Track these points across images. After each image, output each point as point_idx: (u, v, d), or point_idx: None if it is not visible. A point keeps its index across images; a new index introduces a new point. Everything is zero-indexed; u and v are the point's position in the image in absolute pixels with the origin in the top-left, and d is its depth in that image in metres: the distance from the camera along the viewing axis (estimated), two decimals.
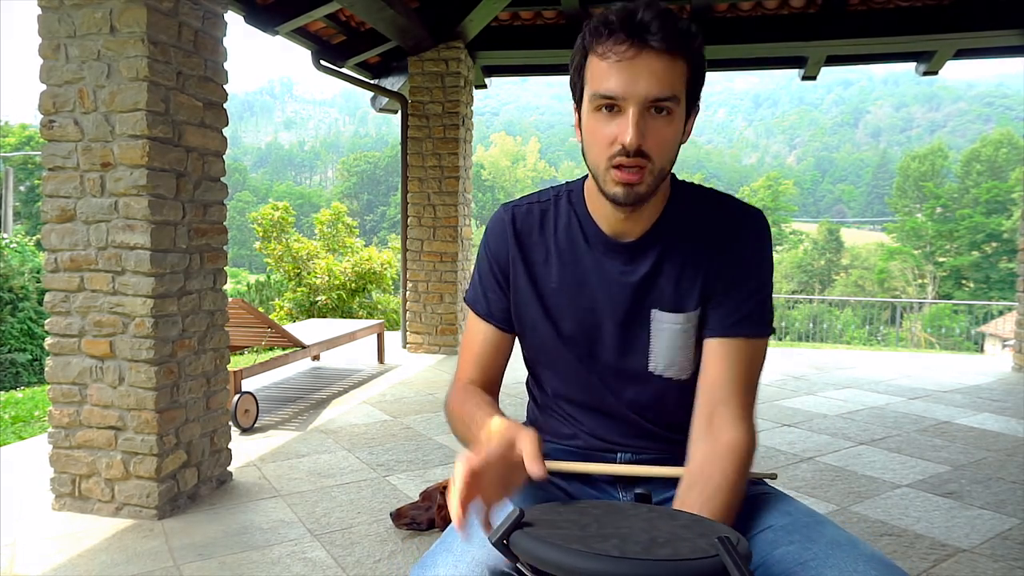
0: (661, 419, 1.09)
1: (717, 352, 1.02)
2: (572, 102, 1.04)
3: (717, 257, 1.03)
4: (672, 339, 1.05)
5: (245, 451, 3.18)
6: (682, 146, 1.01)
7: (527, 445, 0.84)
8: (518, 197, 1.17)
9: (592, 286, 1.07)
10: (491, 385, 1.14)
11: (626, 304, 1.05)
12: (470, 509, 0.76)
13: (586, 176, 1.08)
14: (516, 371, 1.23)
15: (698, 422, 1.01)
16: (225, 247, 2.73)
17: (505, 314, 1.13)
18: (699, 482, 0.94)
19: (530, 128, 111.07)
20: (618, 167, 0.94)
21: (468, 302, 1.17)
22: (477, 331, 1.15)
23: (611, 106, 0.93)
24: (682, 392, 1.07)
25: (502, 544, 0.73)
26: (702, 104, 1.03)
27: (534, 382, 1.18)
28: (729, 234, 1.04)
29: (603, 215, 1.05)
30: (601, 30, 0.93)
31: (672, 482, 1.06)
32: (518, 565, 0.75)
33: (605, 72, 0.93)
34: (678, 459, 1.04)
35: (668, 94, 0.91)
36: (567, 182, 1.15)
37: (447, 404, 1.12)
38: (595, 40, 0.94)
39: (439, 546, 0.92)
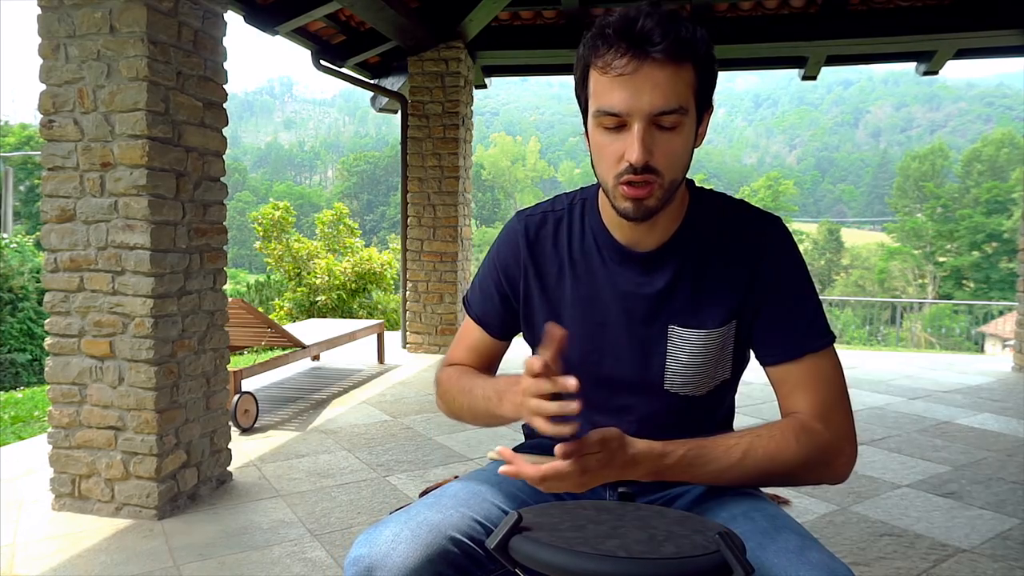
0: (669, 433, 1.04)
1: (790, 380, 0.97)
2: (577, 105, 1.00)
3: (749, 273, 0.99)
4: (691, 356, 1.00)
5: (245, 451, 3.17)
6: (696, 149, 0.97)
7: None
8: (533, 204, 1.14)
9: (606, 299, 1.03)
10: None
11: (641, 318, 1.01)
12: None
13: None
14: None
15: None
16: (225, 247, 2.73)
17: (497, 321, 1.12)
18: (764, 430, 0.92)
19: (530, 128, 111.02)
20: (627, 183, 0.90)
21: (465, 302, 1.17)
22: (471, 329, 1.16)
23: (616, 123, 0.89)
24: (697, 409, 1.04)
25: (502, 549, 0.73)
26: None
27: None
28: (756, 248, 0.99)
29: (617, 224, 1.02)
30: (599, 43, 0.88)
31: (653, 484, 1.05)
32: (517, 570, 0.74)
33: (607, 87, 0.88)
34: None
35: (674, 106, 0.87)
36: (582, 188, 1.11)
37: (439, 376, 1.15)
38: (594, 53, 0.89)
39: (401, 509, 0.93)
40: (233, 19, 4.13)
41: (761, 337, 1.00)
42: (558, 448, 0.80)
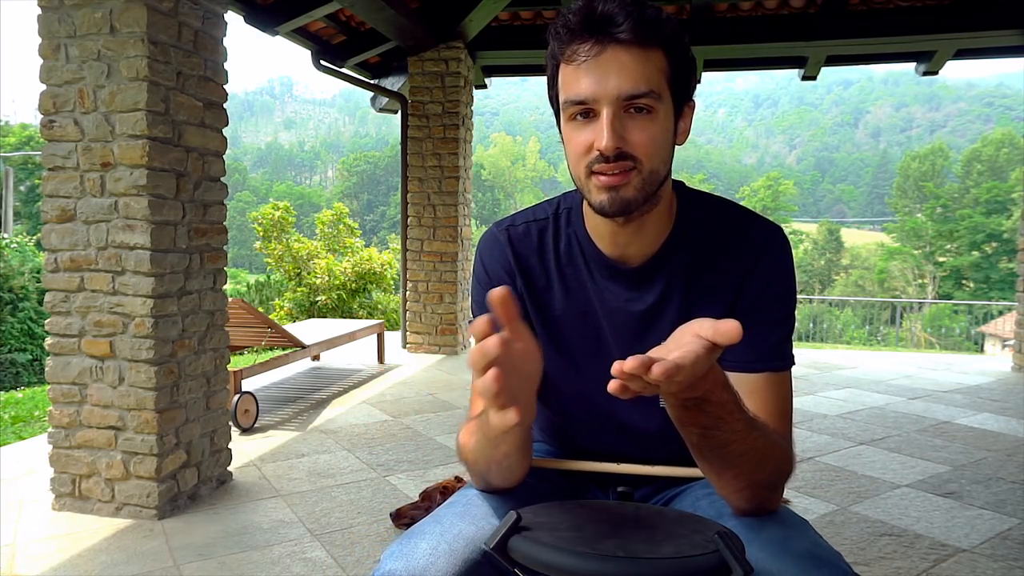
0: (665, 446, 1.04)
1: (742, 387, 0.90)
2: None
3: (738, 284, 0.94)
4: None
5: (245, 451, 3.17)
6: (678, 147, 0.92)
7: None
8: (510, 215, 1.08)
9: (596, 315, 0.99)
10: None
11: (632, 335, 0.98)
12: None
13: None
14: None
15: None
16: (225, 247, 2.73)
17: None
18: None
19: (530, 128, 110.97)
20: (599, 173, 0.85)
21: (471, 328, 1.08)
22: None
23: (585, 112, 0.85)
24: None
25: (501, 550, 0.72)
26: (702, 103, 0.94)
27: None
28: (750, 258, 0.94)
29: (603, 235, 0.96)
30: (562, 33, 0.85)
31: (651, 481, 1.05)
32: (516, 570, 0.74)
33: (573, 76, 0.85)
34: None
35: (643, 89, 0.83)
36: (565, 194, 1.05)
37: (458, 443, 0.98)
38: (559, 45, 0.86)
39: (430, 518, 0.90)
40: (233, 19, 4.13)
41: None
42: (708, 333, 0.67)
